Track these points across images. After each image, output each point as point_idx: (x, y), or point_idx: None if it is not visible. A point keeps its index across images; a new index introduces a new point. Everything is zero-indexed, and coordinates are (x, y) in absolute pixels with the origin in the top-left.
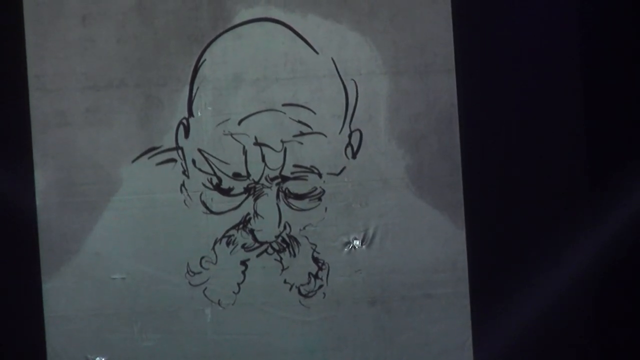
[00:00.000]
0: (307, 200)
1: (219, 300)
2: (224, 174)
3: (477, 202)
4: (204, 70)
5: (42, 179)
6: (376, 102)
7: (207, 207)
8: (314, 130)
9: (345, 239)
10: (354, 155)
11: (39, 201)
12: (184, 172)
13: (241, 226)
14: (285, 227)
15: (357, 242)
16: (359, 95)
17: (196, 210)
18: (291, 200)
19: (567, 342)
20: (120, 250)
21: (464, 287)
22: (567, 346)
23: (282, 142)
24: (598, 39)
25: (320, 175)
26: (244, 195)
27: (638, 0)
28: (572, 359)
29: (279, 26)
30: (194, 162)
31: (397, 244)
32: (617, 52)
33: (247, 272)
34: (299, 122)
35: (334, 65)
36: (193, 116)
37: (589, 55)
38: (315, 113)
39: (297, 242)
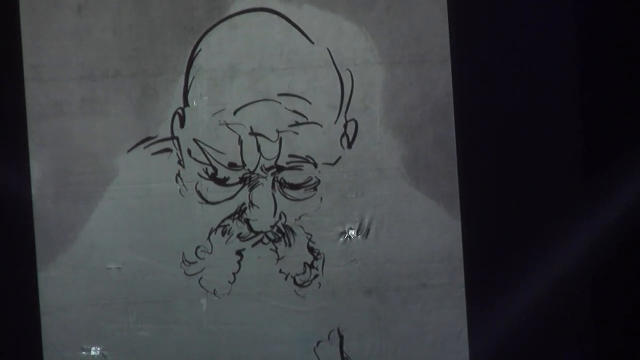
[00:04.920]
0: (302, 190)
1: (214, 290)
2: (220, 163)
3: (473, 192)
4: (199, 60)
5: (37, 168)
6: (372, 92)
7: (202, 197)
8: (310, 120)
9: (340, 229)
10: (350, 145)
11: (34, 191)
12: (179, 162)
13: (236, 216)
14: (280, 217)
15: (352, 232)
16: (354, 85)
17: (191, 200)
18: (286, 190)
19: (563, 332)
20: (115, 240)
21: (460, 277)
22: (563, 337)
23: (278, 132)
24: (594, 28)
25: (315, 165)
26: (240, 185)
27: None
28: (568, 350)
29: (274, 16)
30: (189, 151)
31: (392, 234)
32: (614, 41)
33: (242, 262)
34: (295, 112)
35: (329, 55)
36: (188, 106)
37: (585, 46)
38: (310, 103)
39: (293, 232)
